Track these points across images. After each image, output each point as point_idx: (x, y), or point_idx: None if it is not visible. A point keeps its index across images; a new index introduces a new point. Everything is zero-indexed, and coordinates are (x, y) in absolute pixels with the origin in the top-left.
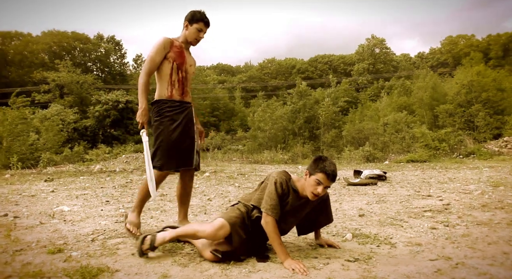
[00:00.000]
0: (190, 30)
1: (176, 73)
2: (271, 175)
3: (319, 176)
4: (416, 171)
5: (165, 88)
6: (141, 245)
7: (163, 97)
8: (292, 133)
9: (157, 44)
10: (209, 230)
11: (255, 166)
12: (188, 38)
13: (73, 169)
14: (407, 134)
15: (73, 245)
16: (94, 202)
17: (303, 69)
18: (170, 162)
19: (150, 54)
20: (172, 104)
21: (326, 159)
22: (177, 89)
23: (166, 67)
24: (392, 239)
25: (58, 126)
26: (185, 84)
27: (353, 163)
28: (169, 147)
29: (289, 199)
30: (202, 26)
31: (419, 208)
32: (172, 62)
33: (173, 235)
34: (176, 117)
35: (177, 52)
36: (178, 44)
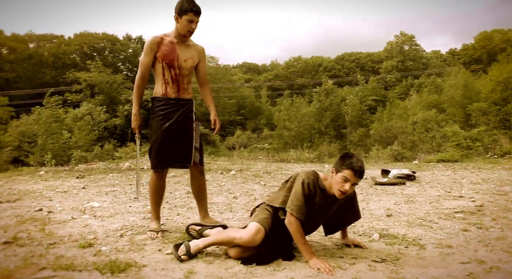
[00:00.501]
0: (181, 22)
1: (168, 71)
2: (298, 174)
3: (346, 173)
4: (447, 171)
5: (160, 86)
6: (176, 252)
7: (158, 95)
8: (318, 132)
9: (145, 47)
10: (246, 236)
11: (281, 165)
12: (181, 31)
13: (103, 166)
14: (438, 133)
15: (102, 240)
16: (123, 198)
17: (330, 67)
18: (163, 160)
19: (140, 58)
20: (166, 102)
21: (353, 155)
22: (172, 87)
23: (158, 67)
24: (421, 240)
25: (89, 126)
26: (180, 81)
27: (380, 162)
28: (161, 145)
29: (316, 199)
30: (192, 17)
31: (450, 209)
32: (162, 61)
33: (207, 243)
34: (171, 115)
35: (166, 51)
36: (168, 42)
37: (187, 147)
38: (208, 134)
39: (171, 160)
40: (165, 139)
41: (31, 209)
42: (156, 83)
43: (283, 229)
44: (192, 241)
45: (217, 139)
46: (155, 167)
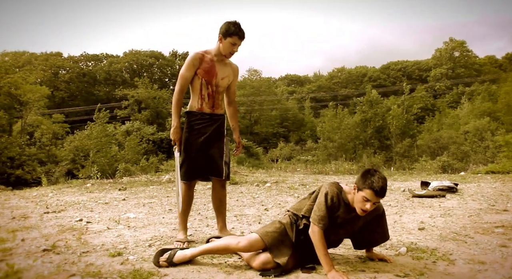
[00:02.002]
0: (224, 44)
1: (206, 88)
2: (322, 185)
3: (367, 193)
4: (495, 183)
5: (196, 101)
6: (158, 256)
7: (194, 110)
8: (362, 143)
9: (187, 61)
10: (243, 243)
11: (318, 177)
12: (222, 52)
13: (145, 178)
14: (492, 143)
15: (131, 249)
16: (158, 210)
17: (375, 77)
18: (193, 172)
19: (181, 72)
20: (202, 116)
21: (375, 173)
22: (207, 102)
23: (196, 82)
24: (451, 255)
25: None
26: (216, 98)
27: (424, 174)
28: (194, 158)
29: (339, 212)
30: (236, 40)
31: (489, 223)
32: (201, 78)
33: (196, 252)
34: (205, 130)
35: (207, 68)
36: (208, 59)
37: (218, 161)
38: (251, 146)
39: (200, 172)
40: (198, 153)
41: (72, 219)
42: (193, 98)
43: (304, 239)
44: (181, 250)
45: (259, 151)
46: (184, 178)
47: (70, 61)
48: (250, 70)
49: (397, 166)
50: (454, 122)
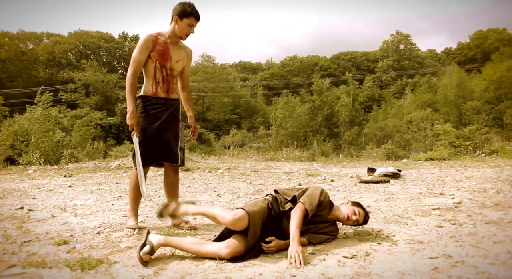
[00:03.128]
0: (180, 25)
1: (160, 71)
2: (316, 187)
3: (360, 212)
4: (433, 169)
5: (150, 85)
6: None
7: (148, 94)
8: (312, 131)
9: (139, 44)
10: (229, 218)
11: (270, 163)
12: (178, 33)
13: (92, 165)
14: (431, 132)
15: (78, 237)
16: (107, 196)
17: (326, 67)
18: (151, 158)
19: (134, 55)
20: (157, 101)
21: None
22: (162, 87)
23: (150, 66)
24: (394, 236)
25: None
26: (170, 82)
27: (370, 161)
28: (151, 143)
29: (322, 213)
30: (192, 21)
31: (428, 206)
32: (155, 61)
33: (196, 211)
34: (160, 115)
35: (160, 51)
36: (162, 42)
37: (173, 146)
38: (203, 133)
39: (155, 158)
40: (153, 138)
41: (12, 207)
42: (146, 82)
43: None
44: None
45: (212, 138)
46: (142, 163)
47: (5, 38)
48: (204, 56)
49: (345, 153)
50: (398, 112)
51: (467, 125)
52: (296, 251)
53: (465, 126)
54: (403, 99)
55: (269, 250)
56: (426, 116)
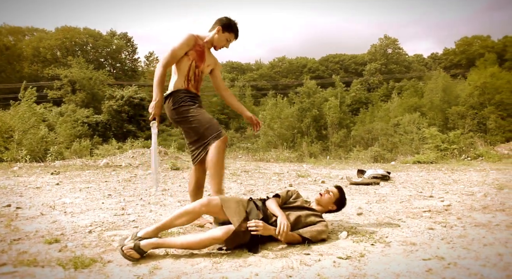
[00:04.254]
0: (221, 36)
1: (193, 71)
2: None
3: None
4: (422, 172)
5: (183, 81)
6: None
7: (181, 88)
8: (300, 132)
9: (182, 40)
10: (202, 200)
11: (260, 164)
12: (215, 43)
13: (80, 163)
14: (416, 135)
15: (70, 236)
16: (97, 195)
17: (314, 68)
18: (219, 126)
19: (173, 48)
20: (190, 94)
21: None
22: (193, 84)
23: (185, 63)
24: (387, 238)
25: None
26: (199, 82)
27: (359, 163)
28: (209, 117)
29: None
30: (232, 38)
31: (418, 208)
32: (192, 60)
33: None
34: (196, 102)
35: (199, 52)
36: (201, 44)
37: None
38: None
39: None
40: (208, 117)
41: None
42: (178, 78)
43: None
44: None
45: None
46: (220, 129)
47: None
48: None
49: (333, 155)
50: (385, 115)
51: (452, 130)
52: (285, 221)
53: (450, 130)
54: (390, 102)
55: (257, 229)
56: (412, 120)
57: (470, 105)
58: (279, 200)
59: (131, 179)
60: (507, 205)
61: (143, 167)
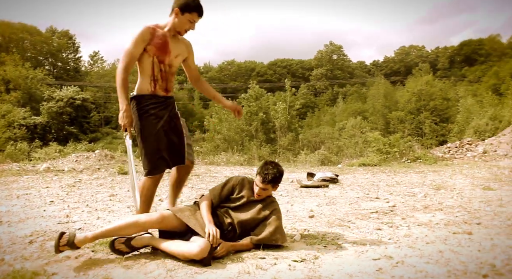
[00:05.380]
0: (181, 19)
1: (158, 67)
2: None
3: (258, 179)
4: (367, 174)
5: (148, 83)
6: (58, 240)
7: (146, 93)
8: (248, 135)
9: (135, 36)
10: (156, 215)
11: (210, 167)
12: (177, 28)
13: (17, 167)
14: (360, 139)
15: (7, 247)
16: (37, 202)
17: (262, 72)
18: (161, 165)
19: (128, 48)
20: (156, 100)
21: (267, 164)
22: (161, 85)
23: (146, 61)
24: (339, 240)
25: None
26: (169, 79)
27: (308, 166)
28: (157, 148)
29: (242, 193)
30: (195, 17)
31: (366, 210)
32: (153, 56)
33: (97, 233)
34: (161, 113)
35: (159, 44)
36: (160, 34)
37: (180, 146)
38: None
39: (167, 162)
40: (161, 140)
41: None
42: (143, 80)
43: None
44: (82, 233)
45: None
46: (152, 172)
47: None
48: None
49: (282, 158)
50: (330, 119)
51: (393, 134)
52: (212, 230)
53: (391, 134)
54: (335, 107)
55: (220, 255)
56: (356, 124)
57: (408, 111)
58: (209, 203)
59: (75, 184)
60: (445, 205)
61: (88, 172)
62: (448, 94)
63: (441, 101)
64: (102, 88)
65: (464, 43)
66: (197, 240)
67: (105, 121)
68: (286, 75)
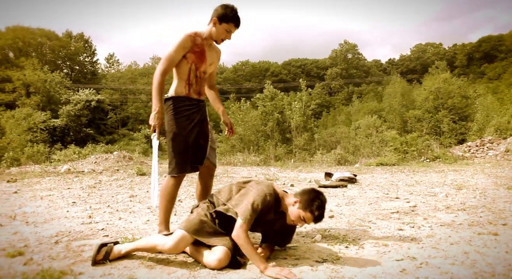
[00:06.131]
0: (218, 29)
1: (194, 73)
2: (259, 184)
3: (307, 216)
4: (385, 174)
5: (183, 87)
6: (96, 254)
7: (180, 95)
8: (264, 135)
9: (177, 42)
10: (169, 244)
11: (227, 168)
12: (214, 37)
13: (39, 169)
14: (377, 138)
15: (35, 247)
16: (60, 203)
17: (277, 72)
18: (186, 166)
19: (169, 53)
20: (190, 102)
21: (321, 201)
22: (195, 89)
23: (184, 67)
24: (360, 240)
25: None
26: (202, 85)
27: (324, 166)
28: (185, 149)
29: (268, 217)
30: (232, 27)
31: (387, 210)
32: (191, 63)
33: (129, 248)
34: (193, 116)
35: (197, 53)
36: (200, 42)
37: (204, 148)
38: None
39: (191, 163)
40: (189, 141)
41: None
42: (178, 83)
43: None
44: (117, 246)
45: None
46: (179, 172)
47: None
48: (154, 58)
49: (297, 158)
50: (346, 119)
51: (410, 133)
52: (277, 274)
53: (408, 133)
54: (350, 106)
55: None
56: (371, 123)
57: (425, 109)
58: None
59: (95, 185)
60: (467, 205)
61: (107, 173)
62: (466, 92)
63: (460, 99)
64: (118, 90)
65: (483, 39)
66: (217, 251)
67: (122, 123)
68: (301, 74)
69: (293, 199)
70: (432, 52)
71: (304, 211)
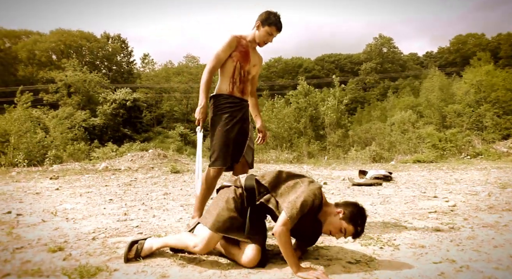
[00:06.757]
0: (261, 32)
1: (239, 72)
2: (312, 183)
3: (348, 229)
4: (423, 171)
5: (227, 85)
6: (127, 252)
7: (224, 92)
8: (297, 132)
9: (224, 42)
10: (200, 246)
11: (260, 165)
12: (257, 39)
13: (78, 167)
14: (414, 134)
15: (73, 243)
16: (98, 200)
17: (310, 68)
18: (226, 159)
19: (217, 52)
20: (233, 100)
21: (364, 217)
22: (238, 87)
23: (229, 65)
24: (395, 241)
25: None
26: (245, 84)
27: (358, 163)
28: (226, 144)
29: (306, 220)
30: (273, 31)
31: (424, 209)
32: (236, 61)
33: (159, 245)
34: (236, 114)
35: (242, 52)
36: (244, 44)
37: (242, 147)
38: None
39: (231, 158)
40: (231, 136)
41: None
42: (222, 81)
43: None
44: (148, 241)
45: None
46: (217, 164)
47: None
48: (188, 57)
49: (331, 155)
50: (381, 115)
51: (449, 128)
52: (310, 275)
53: (447, 129)
54: (386, 101)
55: None
56: (407, 118)
57: (466, 104)
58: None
59: (131, 183)
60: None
61: (142, 170)
62: None
63: (504, 92)
64: (153, 89)
65: None
66: (248, 249)
67: (157, 121)
68: (334, 70)
69: (336, 209)
70: (473, 43)
71: (347, 223)
